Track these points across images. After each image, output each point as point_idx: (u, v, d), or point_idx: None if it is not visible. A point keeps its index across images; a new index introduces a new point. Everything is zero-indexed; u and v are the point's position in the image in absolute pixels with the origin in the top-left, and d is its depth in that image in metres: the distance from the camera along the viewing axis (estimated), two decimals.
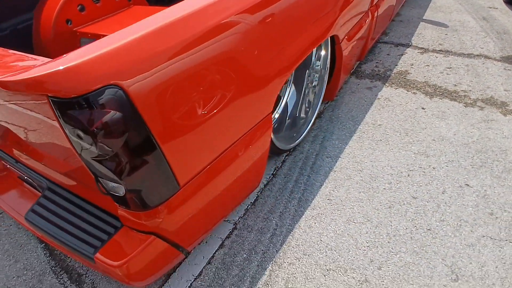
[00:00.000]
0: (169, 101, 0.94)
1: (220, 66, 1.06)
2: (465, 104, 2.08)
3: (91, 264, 1.08)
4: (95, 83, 0.79)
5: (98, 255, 1.02)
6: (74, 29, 1.99)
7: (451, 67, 2.47)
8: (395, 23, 3.31)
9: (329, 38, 1.84)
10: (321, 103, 2.07)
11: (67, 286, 1.35)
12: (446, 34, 2.98)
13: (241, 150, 1.25)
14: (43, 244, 1.54)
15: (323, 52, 1.92)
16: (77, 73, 0.78)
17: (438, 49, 2.75)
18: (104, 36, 1.83)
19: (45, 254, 1.49)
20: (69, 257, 1.47)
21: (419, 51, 2.75)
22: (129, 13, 2.18)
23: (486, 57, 2.57)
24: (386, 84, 2.35)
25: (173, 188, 1.04)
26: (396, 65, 2.57)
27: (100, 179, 0.94)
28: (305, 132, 1.90)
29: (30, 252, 1.51)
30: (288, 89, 2.00)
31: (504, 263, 1.28)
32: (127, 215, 1.05)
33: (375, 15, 2.33)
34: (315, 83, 2.00)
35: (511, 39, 2.82)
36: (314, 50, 1.90)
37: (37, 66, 0.80)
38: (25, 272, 1.43)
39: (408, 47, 2.82)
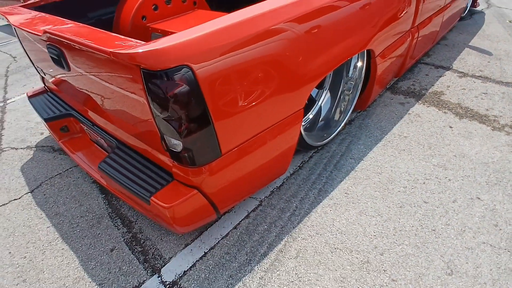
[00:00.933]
0: (224, 85, 1.22)
1: (266, 65, 1.34)
2: (492, 128, 2.19)
3: (146, 206, 1.39)
4: (174, 62, 1.09)
5: (153, 198, 1.32)
6: (148, 24, 2.37)
7: (486, 93, 2.57)
8: (440, 46, 3.43)
9: (365, 51, 2.06)
10: (353, 111, 2.28)
11: (119, 228, 1.68)
12: (489, 62, 3.06)
13: (272, 136, 1.52)
14: (104, 195, 1.89)
15: (359, 64, 2.14)
16: (163, 53, 1.09)
17: (478, 74, 2.85)
18: (171, 32, 2.21)
19: (104, 202, 1.84)
20: (123, 206, 1.81)
21: (458, 74, 2.86)
22: (194, 15, 2.54)
23: None
24: (419, 101, 2.51)
25: (216, 154, 1.32)
26: (432, 85, 2.71)
27: (165, 136, 1.25)
28: (334, 134, 2.12)
29: (92, 200, 1.87)
30: (324, 94, 2.24)
31: (499, 268, 1.42)
32: (178, 171, 1.35)
33: (416, 36, 2.51)
34: (350, 91, 2.22)
35: None
36: (352, 59, 2.14)
37: (136, 46, 1.12)
38: (87, 214, 1.79)
39: (448, 70, 2.94)
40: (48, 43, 1.56)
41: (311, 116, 2.18)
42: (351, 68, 2.18)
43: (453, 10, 3.22)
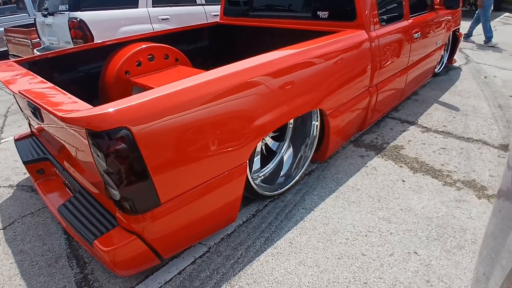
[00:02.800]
0: (162, 144, 1.40)
1: (205, 126, 1.51)
2: (444, 183, 2.30)
3: (90, 248, 1.52)
4: (114, 124, 1.28)
5: (96, 241, 1.46)
6: (130, 78, 2.63)
7: (445, 148, 2.71)
8: (410, 101, 3.63)
9: (317, 110, 2.26)
10: (314, 162, 2.44)
11: (73, 268, 1.79)
12: (454, 117, 3.23)
13: (215, 188, 1.67)
14: (66, 235, 2.02)
15: (314, 122, 2.33)
16: (104, 117, 1.28)
17: (440, 130, 3.00)
18: (149, 87, 2.44)
19: (65, 243, 1.97)
20: (81, 247, 1.93)
21: (421, 129, 3.02)
22: (174, 71, 2.81)
23: (485, 143, 2.77)
24: (379, 155, 2.65)
25: (155, 203, 1.47)
26: (394, 139, 2.87)
27: (106, 186, 1.41)
28: (287, 186, 2.26)
29: (55, 239, 2.00)
30: (285, 146, 2.41)
31: None
32: (121, 217, 1.49)
33: (375, 95, 2.72)
34: (307, 147, 2.39)
35: None
36: (314, 115, 2.33)
37: (82, 110, 1.32)
38: (48, 253, 1.91)
39: (412, 125, 3.11)
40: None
41: (270, 167, 2.33)
42: (312, 123, 2.37)
43: (420, 69, 3.46)
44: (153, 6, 4.30)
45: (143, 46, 2.67)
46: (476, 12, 6.25)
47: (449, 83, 4.15)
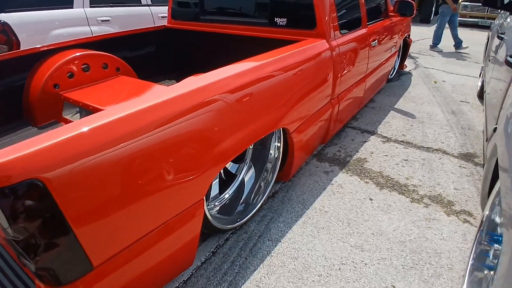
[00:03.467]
0: (90, 192, 1.07)
1: (142, 162, 1.20)
2: (411, 199, 2.20)
3: None
4: (18, 177, 0.93)
5: None
6: (60, 93, 2.21)
7: (407, 159, 2.64)
8: (367, 109, 3.57)
9: (280, 130, 2.03)
10: (278, 182, 2.21)
11: None
12: (411, 125, 3.20)
13: (165, 234, 1.36)
14: None
15: (276, 143, 2.10)
16: (6, 168, 0.93)
17: (400, 139, 2.94)
18: (83, 104, 2.04)
19: None
20: None
21: (382, 139, 2.94)
22: (115, 82, 2.42)
23: (444, 152, 2.75)
24: (343, 170, 2.50)
25: (86, 268, 1.13)
26: (357, 151, 2.75)
27: (18, 256, 1.05)
28: (248, 216, 2.00)
29: None
30: (245, 168, 2.16)
31: None
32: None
33: (337, 106, 2.56)
34: (268, 172, 2.15)
35: (474, 135, 3.02)
36: (274, 135, 2.09)
37: None
38: None
39: (373, 135, 3.03)
40: None
41: (229, 193, 2.07)
42: (273, 143, 2.14)
43: (376, 76, 3.40)
44: (90, 6, 3.81)
45: (76, 54, 2.26)
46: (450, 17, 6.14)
47: (402, 89, 4.18)
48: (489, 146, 1.75)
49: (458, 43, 6.12)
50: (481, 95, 3.81)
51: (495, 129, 1.61)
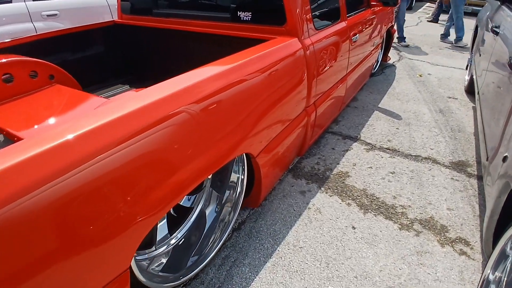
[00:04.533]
0: None
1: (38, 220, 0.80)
2: (400, 226, 1.86)
3: None
4: None
5: None
6: None
7: (394, 172, 2.29)
8: (349, 109, 3.19)
9: (243, 155, 1.63)
10: (246, 208, 1.83)
11: None
12: (397, 128, 2.85)
13: None
14: None
15: (238, 174, 1.71)
16: None
17: (386, 146, 2.59)
18: None
19: None
20: None
21: (365, 147, 2.58)
22: (46, 94, 1.96)
23: (434, 161, 2.41)
24: (322, 188, 2.14)
25: None
26: (338, 163, 2.38)
27: None
28: (203, 264, 1.60)
29: None
30: (202, 199, 1.76)
31: None
32: None
33: (314, 113, 2.18)
34: (228, 214, 1.76)
35: (464, 139, 2.69)
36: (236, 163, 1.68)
37: None
38: None
39: (355, 141, 2.66)
40: None
41: (174, 239, 1.66)
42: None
43: (359, 72, 3.01)
44: (33, 0, 3.27)
45: None
46: (450, 9, 5.46)
47: (386, 84, 3.82)
48: (494, 176, 1.41)
49: (445, 35, 5.68)
50: (469, 90, 3.49)
51: (505, 158, 1.25)
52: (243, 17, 2.06)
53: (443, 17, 7.11)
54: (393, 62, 4.56)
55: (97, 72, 2.64)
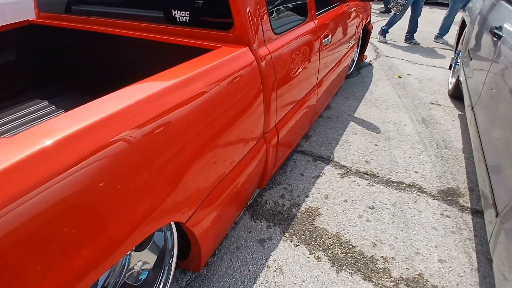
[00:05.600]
0: None
1: None
2: None
3: None
4: None
5: None
6: None
7: (373, 207, 1.87)
8: (322, 120, 2.74)
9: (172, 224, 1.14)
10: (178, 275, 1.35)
11: None
12: (376, 145, 2.43)
13: None
14: None
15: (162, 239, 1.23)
16: None
17: (363, 170, 2.16)
18: None
19: None
20: None
21: (339, 171, 2.14)
22: None
23: (420, 189, 2.00)
24: (286, 234, 1.69)
25: None
26: (307, 195, 1.94)
27: None
28: None
29: None
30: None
31: None
32: None
33: (275, 139, 1.71)
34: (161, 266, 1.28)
35: (453, 157, 2.29)
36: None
37: None
38: None
39: (328, 163, 2.22)
40: None
41: None
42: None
43: (332, 78, 2.55)
44: None
45: None
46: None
47: (363, 88, 3.38)
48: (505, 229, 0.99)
49: (440, 35, 5.04)
50: (454, 95, 3.11)
51: None
52: (179, 18, 1.54)
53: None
54: (370, 61, 4.13)
55: (7, 83, 2.06)
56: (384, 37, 5.00)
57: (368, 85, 3.43)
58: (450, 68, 3.51)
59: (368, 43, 3.99)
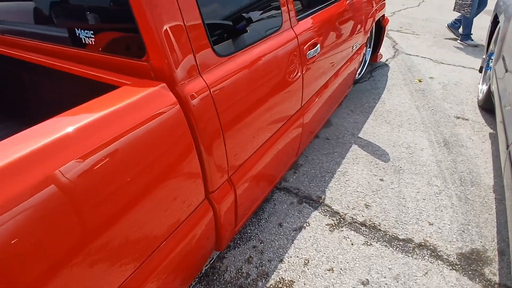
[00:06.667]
0: None
1: None
2: None
3: None
4: None
5: None
6: None
7: (368, 282, 1.37)
8: (318, 142, 2.22)
9: None
10: None
11: None
12: (382, 180, 1.90)
13: None
14: None
15: None
16: None
17: (360, 219, 1.66)
18: None
19: None
20: None
21: (330, 221, 1.65)
22: None
23: (434, 252, 1.48)
24: None
25: None
26: (281, 260, 1.47)
27: None
28: None
29: None
30: None
31: None
32: None
33: (232, 197, 1.24)
34: None
35: (481, 198, 1.73)
36: None
37: None
38: None
39: (316, 208, 1.72)
40: None
41: None
42: None
43: (329, 94, 2.02)
44: None
45: None
46: None
47: (374, 96, 2.81)
48: None
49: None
50: (485, 106, 2.48)
51: None
52: (84, 39, 1.09)
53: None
54: (386, 60, 3.50)
55: None
56: (472, 40, 3.88)
57: (380, 93, 2.85)
58: (480, 71, 2.85)
59: (383, 40, 3.36)
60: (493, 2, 2.89)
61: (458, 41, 3.93)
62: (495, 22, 2.60)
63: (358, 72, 2.99)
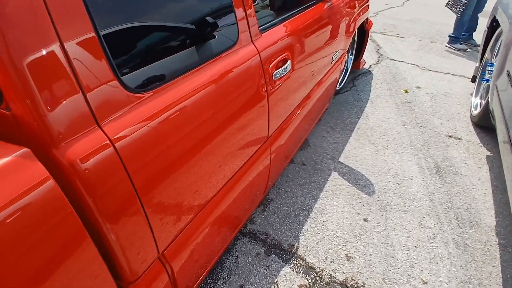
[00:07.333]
0: None
1: None
2: None
3: None
4: None
5: None
6: None
7: None
8: (293, 168, 1.89)
9: None
10: None
11: None
12: (366, 220, 1.59)
13: None
14: None
15: None
16: None
17: (341, 277, 1.34)
18: None
19: None
20: None
21: (302, 281, 1.32)
22: None
23: None
24: None
25: None
26: None
27: None
28: None
29: None
30: None
31: None
32: None
33: (163, 280, 0.90)
34: None
35: (482, 244, 1.45)
36: None
37: None
38: None
39: (287, 261, 1.40)
40: None
41: None
42: None
43: (301, 116, 1.69)
44: None
45: None
46: None
47: (356, 110, 2.50)
48: None
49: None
50: (481, 123, 2.22)
51: None
52: None
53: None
54: (369, 67, 3.20)
55: None
56: (461, 44, 3.60)
57: (363, 105, 2.55)
58: (473, 81, 2.60)
59: (367, 44, 3.05)
60: (491, 3, 2.62)
61: (446, 44, 3.68)
62: (492, 26, 2.33)
63: (339, 81, 2.68)
